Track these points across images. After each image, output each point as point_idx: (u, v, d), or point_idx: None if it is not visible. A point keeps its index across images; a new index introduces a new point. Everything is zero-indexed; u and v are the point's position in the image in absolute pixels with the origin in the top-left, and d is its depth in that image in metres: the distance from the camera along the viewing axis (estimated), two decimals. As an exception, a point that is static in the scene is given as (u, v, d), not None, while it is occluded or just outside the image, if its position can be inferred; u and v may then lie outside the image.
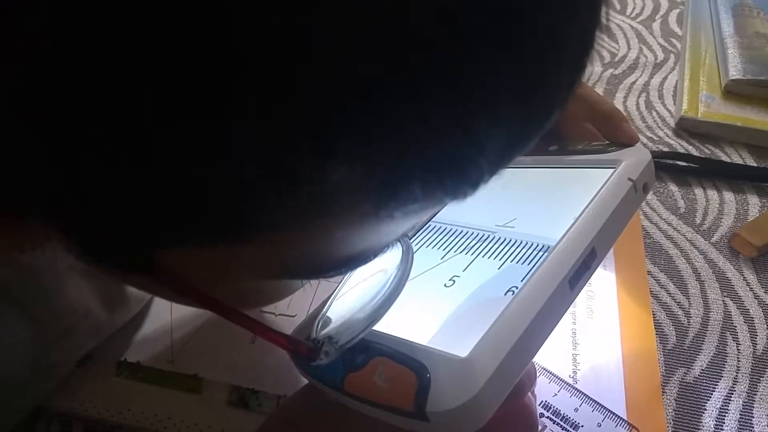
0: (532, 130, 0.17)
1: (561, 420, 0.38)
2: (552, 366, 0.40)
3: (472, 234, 0.33)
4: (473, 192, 0.18)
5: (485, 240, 0.32)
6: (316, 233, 0.18)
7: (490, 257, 0.31)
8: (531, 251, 0.30)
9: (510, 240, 0.31)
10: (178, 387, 0.39)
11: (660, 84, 0.69)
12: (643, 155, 0.33)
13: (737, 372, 0.43)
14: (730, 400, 0.42)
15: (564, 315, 0.27)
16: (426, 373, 0.24)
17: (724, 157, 0.61)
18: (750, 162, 0.60)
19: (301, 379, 0.32)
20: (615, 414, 0.38)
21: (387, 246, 0.23)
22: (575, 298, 0.28)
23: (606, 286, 0.47)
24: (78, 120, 0.14)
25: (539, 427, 0.37)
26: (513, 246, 0.31)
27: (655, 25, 0.79)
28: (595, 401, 0.38)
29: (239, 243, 0.18)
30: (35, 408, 0.37)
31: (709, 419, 0.41)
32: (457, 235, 0.34)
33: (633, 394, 0.41)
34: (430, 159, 0.16)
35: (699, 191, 0.57)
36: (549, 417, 0.38)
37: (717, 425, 0.41)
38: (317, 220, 0.17)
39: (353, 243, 0.20)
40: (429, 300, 0.30)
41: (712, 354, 0.44)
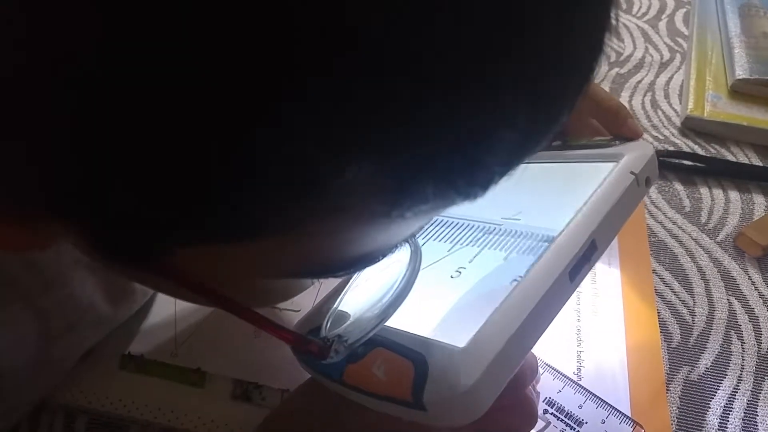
0: (542, 133, 0.18)
1: (565, 416, 0.38)
2: (556, 363, 0.40)
3: (478, 227, 0.33)
4: (483, 193, 0.18)
5: (491, 232, 0.33)
6: (328, 233, 0.18)
7: (496, 248, 0.31)
8: (536, 242, 0.30)
9: (515, 232, 0.32)
10: (181, 380, 0.39)
11: (666, 83, 0.69)
12: (646, 149, 0.33)
13: (742, 370, 0.43)
14: (734, 398, 0.42)
15: (564, 307, 0.27)
16: (424, 364, 0.25)
17: (729, 157, 0.61)
18: (756, 161, 0.60)
19: (304, 374, 0.32)
20: (619, 411, 0.38)
21: (396, 246, 0.23)
22: (575, 290, 0.28)
23: (611, 284, 0.47)
24: (106, 125, 0.14)
25: (543, 424, 0.37)
26: (518, 237, 0.31)
27: (662, 25, 0.79)
28: (600, 398, 0.38)
29: (252, 242, 0.18)
30: (39, 401, 0.38)
31: (714, 417, 0.41)
32: (464, 228, 0.34)
33: (637, 391, 0.41)
34: (444, 162, 0.16)
35: (704, 190, 0.57)
36: (553, 413, 0.38)
37: (721, 423, 0.40)
38: (331, 219, 0.17)
39: (364, 243, 0.20)
40: (434, 291, 0.30)
41: (716, 352, 0.44)
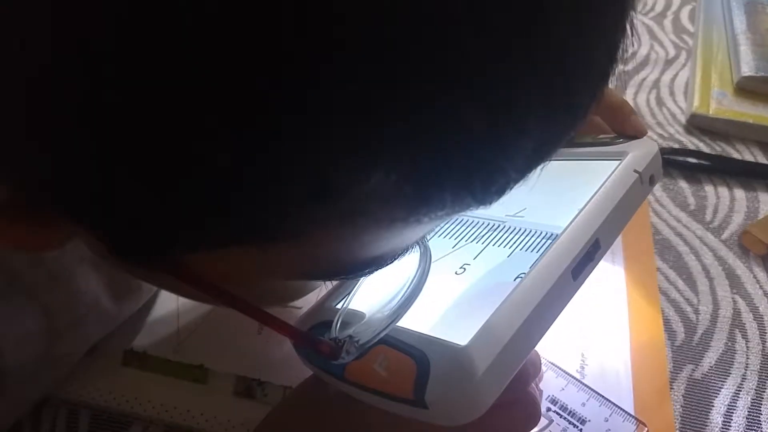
0: (557, 139, 0.18)
1: (568, 414, 0.38)
2: (559, 361, 0.39)
3: (482, 224, 0.33)
4: (498, 199, 0.19)
5: (496, 229, 0.32)
6: (344, 237, 0.19)
7: (500, 245, 0.31)
8: (539, 239, 0.30)
9: (520, 229, 0.31)
10: (184, 377, 0.39)
11: (671, 80, 0.69)
12: (650, 147, 0.33)
13: (746, 369, 0.43)
14: (738, 397, 0.42)
15: (567, 306, 0.27)
16: (426, 361, 0.25)
17: (735, 155, 0.60)
18: (761, 159, 0.60)
19: (307, 371, 0.32)
20: (622, 409, 0.38)
21: (408, 248, 0.23)
22: (578, 288, 0.28)
23: (615, 282, 0.47)
24: (123, 129, 0.14)
25: (546, 422, 0.37)
26: (523, 234, 0.31)
27: (667, 22, 0.78)
28: (603, 396, 0.38)
29: (267, 245, 0.18)
30: (43, 396, 0.38)
31: (717, 416, 0.41)
32: (468, 225, 0.34)
33: (641, 389, 0.41)
34: (463, 168, 0.16)
35: (709, 188, 0.57)
36: (556, 411, 0.38)
37: (725, 422, 0.40)
38: (348, 224, 0.17)
39: (378, 246, 0.20)
40: (438, 288, 0.30)
41: (720, 351, 0.44)
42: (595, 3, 0.16)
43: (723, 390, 0.42)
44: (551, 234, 0.29)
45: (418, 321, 0.27)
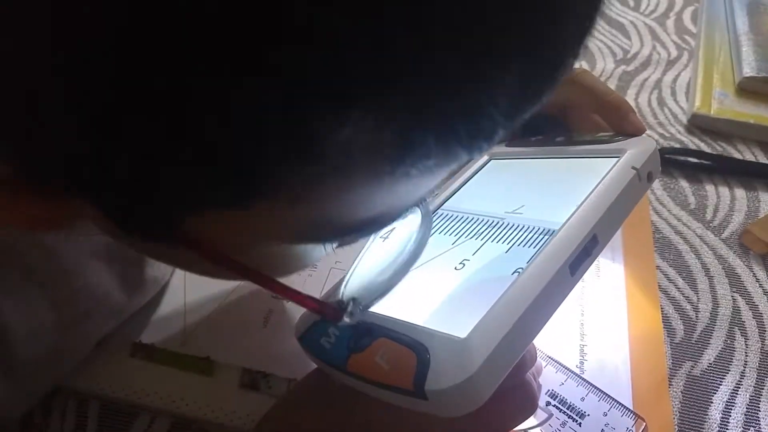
0: (542, 81, 0.17)
1: (567, 409, 0.38)
2: (559, 356, 0.40)
3: (481, 220, 0.34)
4: (488, 147, 0.18)
5: (494, 225, 0.33)
6: (334, 193, 0.18)
7: (498, 241, 0.32)
8: (537, 235, 0.30)
9: (518, 225, 0.32)
10: (190, 369, 0.39)
11: (673, 81, 0.69)
12: (648, 144, 0.33)
13: (745, 366, 0.44)
14: (737, 394, 0.42)
15: (566, 300, 0.28)
16: (426, 353, 0.25)
17: (736, 155, 0.61)
18: (762, 159, 0.60)
19: (311, 363, 0.32)
20: (621, 404, 0.38)
21: (406, 209, 0.23)
22: (576, 283, 0.28)
23: (615, 279, 0.48)
24: (121, 99, 0.14)
25: (545, 416, 0.38)
26: (521, 230, 0.31)
27: (669, 22, 0.79)
28: (602, 391, 0.39)
29: (258, 205, 0.18)
30: (53, 387, 0.39)
31: (716, 412, 0.41)
32: (468, 222, 0.34)
33: (639, 385, 0.41)
34: (443, 110, 0.16)
35: (710, 188, 0.57)
36: (555, 405, 0.38)
37: (723, 418, 0.41)
38: (334, 177, 0.17)
39: (372, 204, 0.20)
40: (438, 283, 0.30)
41: (719, 348, 0.45)
42: None
43: (722, 387, 0.42)
44: (549, 230, 0.30)
45: (418, 314, 0.28)
